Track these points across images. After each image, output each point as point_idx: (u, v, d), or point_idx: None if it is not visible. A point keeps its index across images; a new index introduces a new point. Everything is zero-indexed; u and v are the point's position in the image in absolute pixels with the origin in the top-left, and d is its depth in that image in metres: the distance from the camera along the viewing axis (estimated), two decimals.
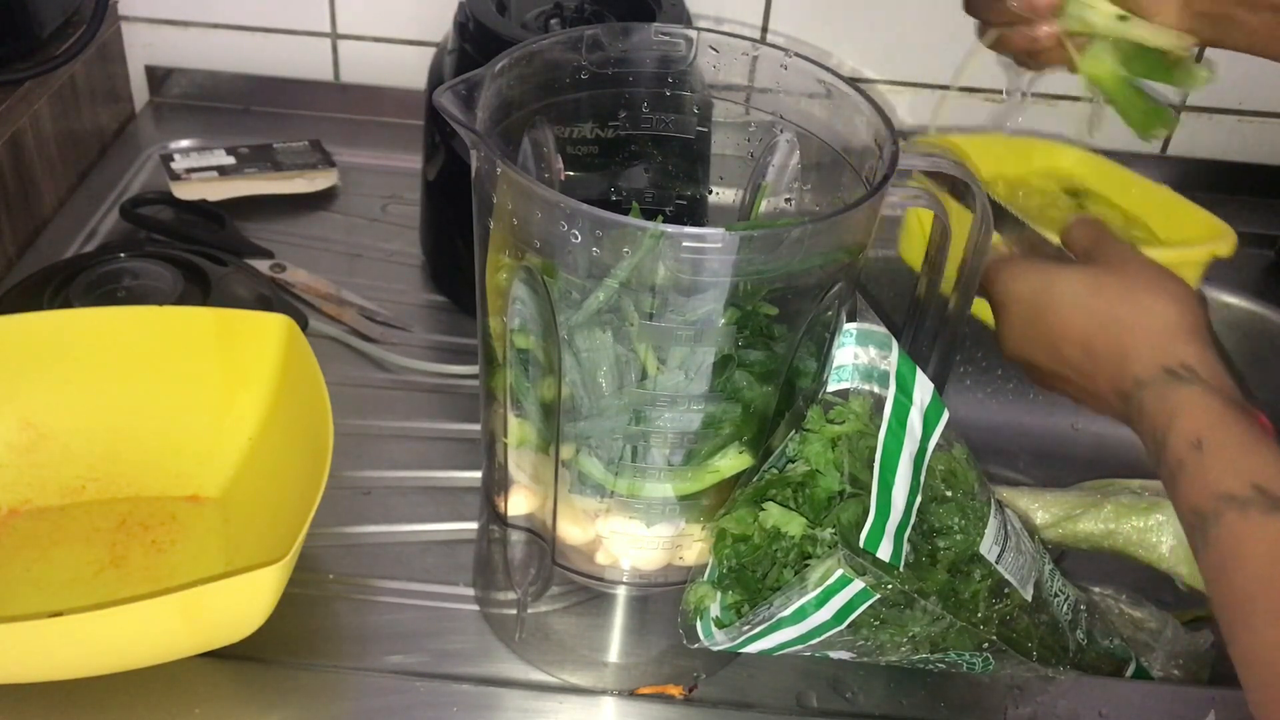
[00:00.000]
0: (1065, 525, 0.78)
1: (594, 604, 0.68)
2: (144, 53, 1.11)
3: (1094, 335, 0.60)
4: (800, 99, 0.61)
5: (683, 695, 0.65)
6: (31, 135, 0.93)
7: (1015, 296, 0.64)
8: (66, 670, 0.60)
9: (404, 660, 0.66)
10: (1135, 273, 0.62)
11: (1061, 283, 0.62)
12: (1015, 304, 0.64)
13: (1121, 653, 0.71)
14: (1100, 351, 0.60)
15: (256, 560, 0.58)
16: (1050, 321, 0.62)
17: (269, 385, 0.72)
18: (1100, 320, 0.60)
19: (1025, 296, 0.64)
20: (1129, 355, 0.59)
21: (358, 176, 1.05)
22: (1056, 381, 0.64)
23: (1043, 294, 0.63)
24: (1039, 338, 0.63)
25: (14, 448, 0.70)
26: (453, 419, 0.83)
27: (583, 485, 0.58)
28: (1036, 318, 0.63)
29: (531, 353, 0.57)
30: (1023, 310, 0.64)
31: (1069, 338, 0.61)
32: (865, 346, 0.57)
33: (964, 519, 0.59)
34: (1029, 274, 0.64)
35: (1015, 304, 0.64)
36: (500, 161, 0.51)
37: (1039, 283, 0.63)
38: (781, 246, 0.51)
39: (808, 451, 0.57)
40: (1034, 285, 0.63)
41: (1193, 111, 1.12)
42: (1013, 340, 0.65)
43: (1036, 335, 0.63)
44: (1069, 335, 0.61)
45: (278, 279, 0.92)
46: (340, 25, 1.10)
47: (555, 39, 0.61)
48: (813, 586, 0.54)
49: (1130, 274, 0.62)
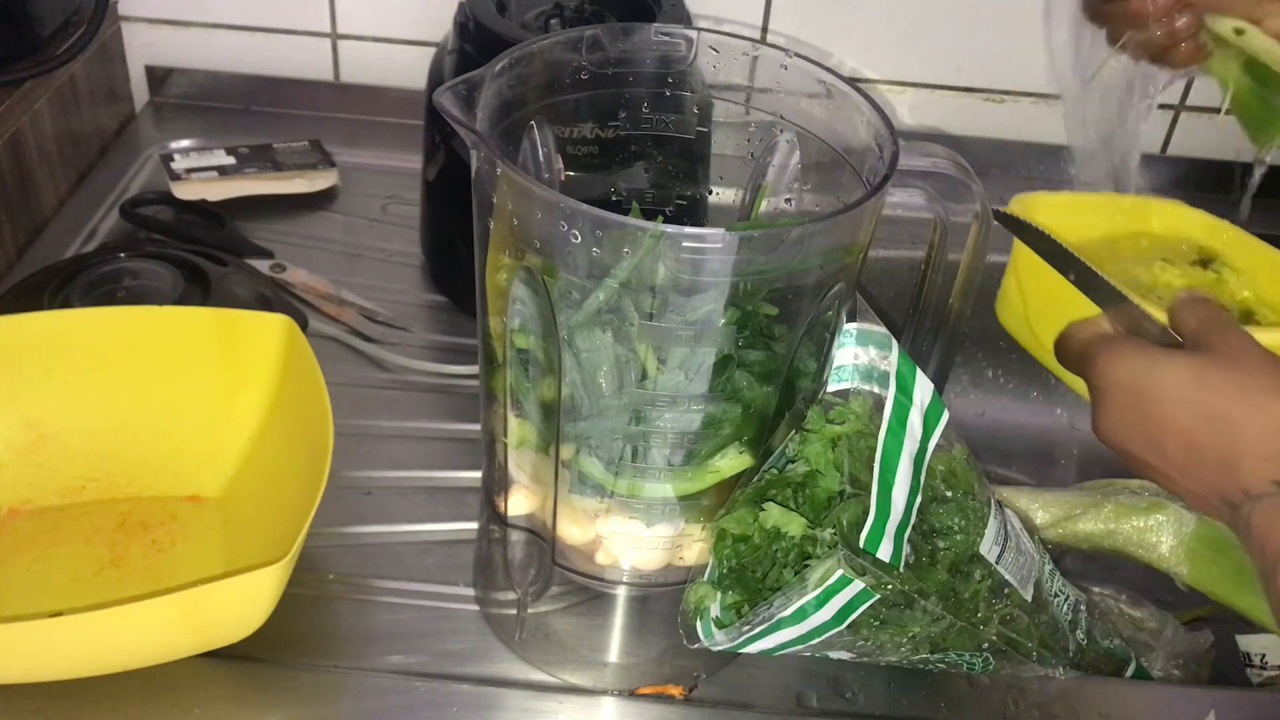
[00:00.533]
0: (1065, 525, 0.78)
1: (594, 604, 0.68)
2: (144, 53, 1.11)
3: (1199, 433, 0.56)
4: (800, 99, 0.61)
5: (683, 695, 0.65)
6: (31, 135, 0.93)
7: (1115, 381, 0.60)
8: (66, 670, 0.60)
9: (404, 660, 0.66)
10: (1249, 366, 0.57)
11: (1166, 371, 0.58)
12: (1115, 389, 0.60)
13: (1121, 653, 0.71)
14: (1205, 451, 0.56)
15: (256, 560, 0.58)
16: (1152, 412, 0.58)
17: (269, 385, 0.72)
18: (1206, 417, 0.56)
19: (1126, 383, 0.59)
20: (1237, 462, 0.55)
21: (358, 176, 1.05)
22: (1154, 474, 0.60)
23: (1145, 381, 0.58)
24: (1138, 428, 0.59)
25: (14, 448, 0.70)
26: (453, 419, 0.83)
27: (583, 485, 0.59)
28: (1137, 406, 0.59)
29: (531, 353, 0.57)
30: (1123, 397, 0.59)
31: (1171, 432, 0.57)
32: (865, 347, 0.57)
33: (964, 519, 0.59)
34: (1131, 358, 0.60)
35: (1115, 389, 0.60)
36: (500, 161, 0.51)
37: (1142, 369, 0.59)
38: (781, 246, 0.51)
39: (808, 452, 0.57)
40: (1136, 371, 0.59)
41: (1193, 111, 1.12)
42: (1109, 426, 0.61)
43: (1136, 425, 0.59)
44: (1171, 429, 0.57)
45: (278, 279, 0.92)
46: (340, 25, 1.10)
47: (555, 39, 0.61)
48: (813, 587, 0.54)
49: (1243, 367, 0.57)
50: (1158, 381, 0.58)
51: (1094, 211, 0.86)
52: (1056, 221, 0.82)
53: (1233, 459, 0.55)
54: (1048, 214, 0.82)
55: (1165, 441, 0.58)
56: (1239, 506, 0.55)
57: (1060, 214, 0.83)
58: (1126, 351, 0.60)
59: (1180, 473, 0.58)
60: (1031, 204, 0.82)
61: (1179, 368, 0.57)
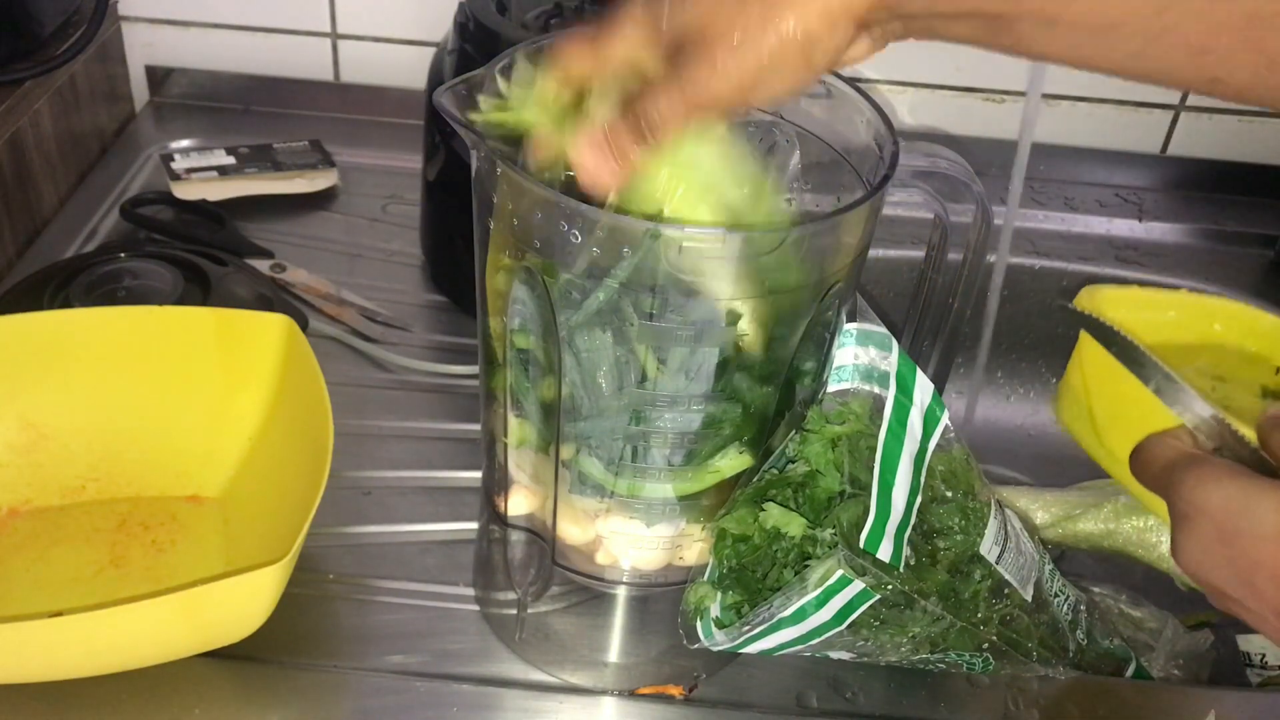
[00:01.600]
0: (1065, 525, 0.78)
1: (594, 604, 0.68)
2: (144, 53, 1.11)
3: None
4: (800, 99, 0.61)
5: (683, 695, 0.65)
6: (31, 135, 0.93)
7: (1204, 510, 0.55)
8: (66, 670, 0.60)
9: (404, 660, 0.66)
10: None
11: (1264, 503, 0.53)
12: (1202, 517, 0.55)
13: (1121, 653, 0.71)
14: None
15: (256, 560, 0.58)
16: (1245, 548, 0.53)
17: (269, 385, 0.72)
18: None
19: (1217, 513, 0.54)
20: None
21: (358, 176, 1.05)
22: (1242, 611, 0.55)
23: (1239, 514, 0.53)
24: (1228, 562, 0.54)
25: (14, 448, 0.70)
26: (453, 419, 0.83)
27: (583, 485, 0.58)
28: (1228, 540, 0.54)
29: (531, 353, 0.57)
30: (1212, 528, 0.54)
31: (1266, 572, 0.53)
32: (865, 347, 0.57)
33: (964, 519, 0.59)
34: (1223, 486, 0.54)
35: (1202, 517, 0.55)
36: (500, 161, 0.51)
37: (1235, 501, 0.54)
38: (782, 247, 0.51)
39: (808, 452, 0.57)
40: (1228, 502, 0.54)
41: (1193, 111, 1.12)
42: (1194, 556, 0.56)
43: (1226, 560, 0.54)
44: (1266, 568, 0.53)
45: (278, 279, 0.92)
46: (340, 25, 1.10)
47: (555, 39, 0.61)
48: (813, 587, 0.54)
49: None
50: (1253, 515, 0.53)
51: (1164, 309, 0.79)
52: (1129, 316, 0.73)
53: None
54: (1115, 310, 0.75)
55: (1261, 583, 0.53)
56: None
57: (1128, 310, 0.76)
58: (1218, 477, 0.55)
59: (1275, 614, 0.54)
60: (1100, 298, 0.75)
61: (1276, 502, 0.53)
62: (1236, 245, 1.09)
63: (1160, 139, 1.15)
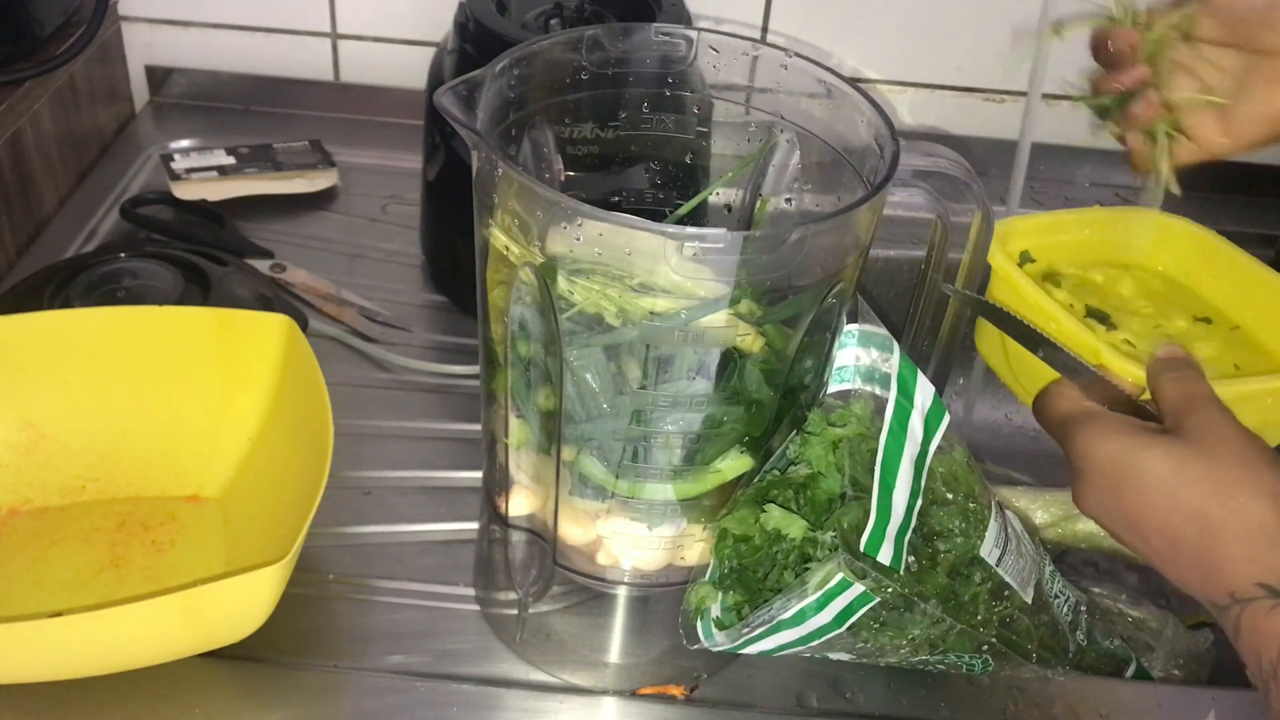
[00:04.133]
0: (1065, 525, 0.78)
1: (595, 604, 0.68)
2: (144, 53, 1.11)
3: (1179, 530, 0.55)
4: (800, 99, 0.61)
5: (683, 695, 0.65)
6: (31, 135, 0.93)
7: (1093, 463, 0.58)
8: (66, 670, 0.60)
9: (404, 660, 0.66)
10: (1229, 457, 0.55)
11: (1145, 461, 0.56)
12: (1093, 471, 0.58)
13: (1121, 653, 0.71)
14: (1186, 549, 0.55)
15: (256, 560, 0.58)
16: (1131, 501, 0.56)
17: (269, 385, 0.71)
18: (1185, 514, 0.54)
19: (1104, 467, 0.57)
20: (1220, 564, 0.53)
21: (358, 176, 1.05)
22: (1139, 555, 0.58)
23: (1124, 468, 0.56)
24: (1119, 514, 0.57)
25: (14, 448, 0.70)
26: (453, 419, 0.83)
27: (584, 486, 0.58)
28: (1116, 493, 0.57)
29: (533, 355, 0.57)
30: (1103, 480, 0.58)
31: (1152, 526, 0.56)
32: (867, 348, 0.57)
33: (964, 522, 0.59)
34: (1109, 441, 0.58)
35: (1093, 471, 0.58)
36: (501, 162, 0.51)
37: (1119, 455, 0.57)
38: (783, 247, 0.51)
39: (809, 454, 0.57)
40: (1114, 457, 0.57)
41: None
42: (1089, 504, 0.59)
43: (1116, 510, 0.58)
44: (1151, 523, 0.56)
45: (278, 279, 0.92)
46: (340, 25, 1.10)
47: (555, 39, 0.61)
48: (813, 590, 0.54)
49: (1223, 459, 0.55)
50: (1137, 471, 0.56)
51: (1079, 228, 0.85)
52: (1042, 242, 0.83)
53: (1216, 561, 0.54)
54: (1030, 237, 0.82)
55: (1146, 532, 0.56)
56: (1226, 609, 0.53)
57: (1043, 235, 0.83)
58: (1105, 435, 0.58)
59: (1164, 562, 0.56)
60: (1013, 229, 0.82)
61: (1158, 458, 0.56)
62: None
63: None
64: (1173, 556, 0.56)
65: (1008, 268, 0.76)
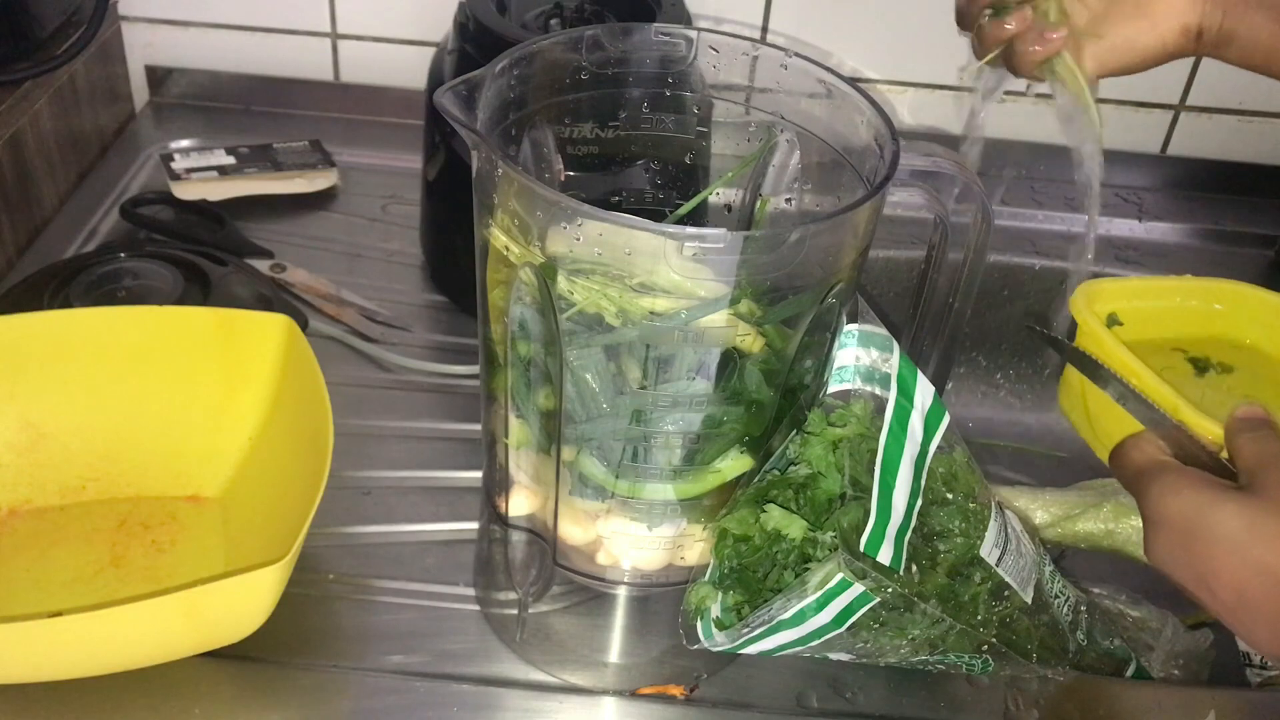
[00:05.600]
0: (1065, 525, 0.78)
1: (595, 604, 0.68)
2: (144, 53, 1.11)
3: (1250, 586, 0.55)
4: (800, 99, 0.61)
5: (683, 695, 0.65)
6: (31, 135, 0.93)
7: (1167, 517, 0.58)
8: (66, 670, 0.60)
9: (404, 660, 0.66)
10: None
11: (1218, 516, 0.56)
12: (1167, 525, 0.58)
13: (1121, 653, 0.71)
14: (1258, 604, 0.55)
15: (256, 560, 0.58)
16: (1202, 556, 0.56)
17: (269, 385, 0.71)
18: (1254, 570, 0.55)
19: (1178, 521, 0.58)
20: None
21: (358, 176, 1.05)
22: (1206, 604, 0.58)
23: (1196, 524, 0.57)
24: (1188, 567, 0.58)
25: (14, 448, 0.70)
26: (453, 419, 0.83)
27: (584, 487, 0.58)
28: (1187, 546, 0.57)
29: (533, 355, 0.57)
30: (1175, 535, 0.58)
31: (1221, 581, 0.56)
32: (867, 348, 0.57)
33: (964, 522, 0.59)
34: (1183, 495, 0.58)
35: (1167, 525, 0.58)
36: (501, 162, 0.51)
37: (1193, 510, 0.57)
38: (783, 247, 0.51)
39: (809, 454, 0.57)
40: (1186, 510, 0.57)
41: (1193, 111, 1.12)
42: (1160, 557, 0.59)
43: (1185, 563, 0.58)
44: (1221, 578, 0.56)
45: (278, 279, 0.92)
46: (340, 25, 1.10)
47: (555, 39, 0.61)
48: (813, 590, 0.54)
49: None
50: (1209, 526, 0.56)
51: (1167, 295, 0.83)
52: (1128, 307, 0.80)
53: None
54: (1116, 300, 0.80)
55: (1216, 587, 0.57)
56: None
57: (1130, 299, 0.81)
58: (1179, 488, 0.58)
59: (1233, 617, 0.57)
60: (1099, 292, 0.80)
61: (1230, 514, 0.56)
62: (1236, 245, 1.09)
63: (1160, 139, 1.15)
64: (1242, 611, 0.56)
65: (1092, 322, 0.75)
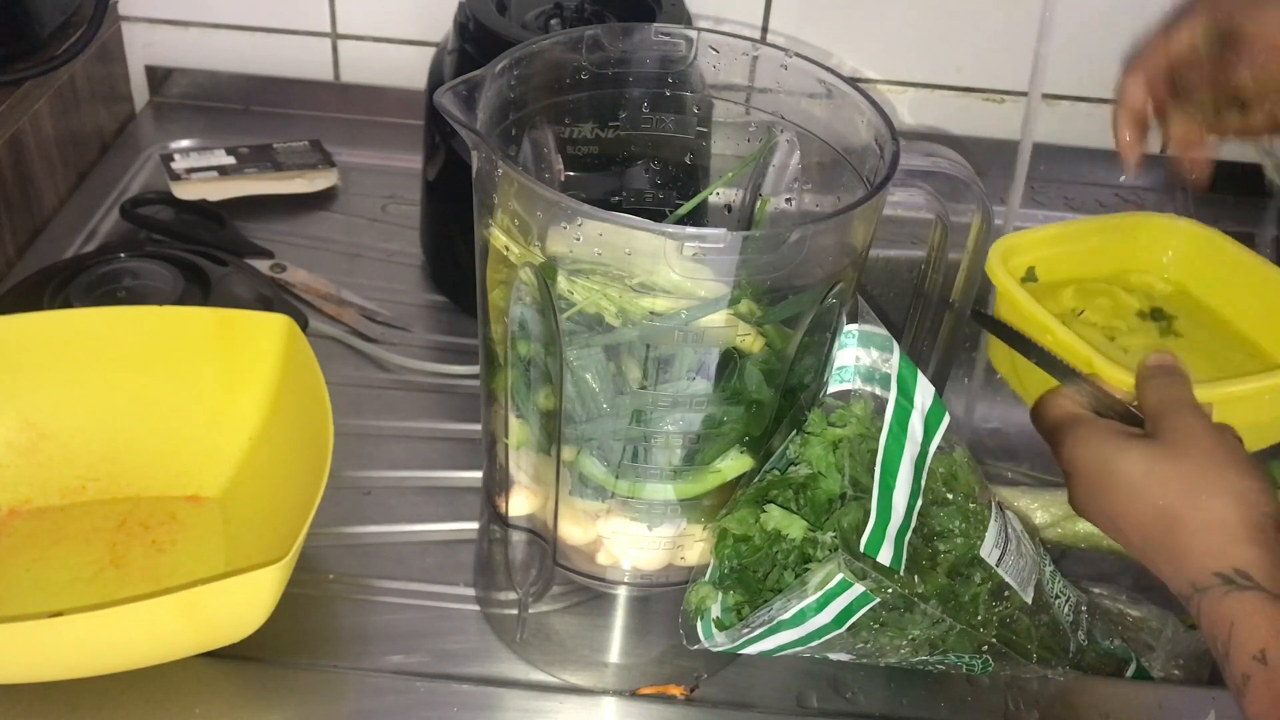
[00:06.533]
0: (1065, 525, 0.78)
1: (595, 604, 0.68)
2: (144, 53, 1.11)
3: (1151, 527, 0.59)
4: (800, 99, 0.61)
5: (684, 695, 0.65)
6: (31, 135, 0.93)
7: (1078, 466, 0.63)
8: (66, 670, 0.60)
9: (404, 660, 0.66)
10: (1197, 460, 0.59)
11: (1121, 463, 0.60)
12: (1078, 473, 0.63)
13: (1122, 653, 0.71)
14: (1158, 545, 0.59)
15: (256, 560, 0.58)
16: (1110, 501, 0.61)
17: (269, 385, 0.71)
18: (1155, 513, 0.59)
19: (1087, 469, 0.62)
20: (1183, 557, 0.57)
21: (358, 176, 1.05)
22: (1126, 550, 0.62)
23: (1103, 470, 0.61)
24: (1101, 512, 0.62)
25: (14, 448, 0.70)
26: (453, 419, 0.83)
27: (584, 487, 0.58)
28: (1098, 493, 0.62)
29: (533, 355, 0.57)
30: (1085, 482, 0.62)
31: (1129, 523, 0.60)
32: (867, 348, 0.57)
33: (964, 522, 0.59)
34: (1090, 444, 0.62)
35: (1078, 473, 0.63)
36: (501, 162, 0.51)
37: (1099, 458, 0.61)
38: (783, 247, 0.51)
39: (809, 454, 0.57)
40: (1095, 460, 0.62)
41: None
42: (1079, 504, 0.64)
43: (1098, 509, 0.62)
44: (1128, 521, 0.60)
45: (278, 279, 0.92)
46: (340, 25, 1.10)
47: (555, 39, 0.61)
48: (813, 590, 0.54)
49: (1192, 461, 0.59)
50: (1114, 473, 0.60)
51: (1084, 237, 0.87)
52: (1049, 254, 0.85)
53: (1180, 555, 0.58)
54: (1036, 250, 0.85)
55: (1124, 528, 0.61)
56: (1190, 598, 0.57)
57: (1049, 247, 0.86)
58: (1088, 438, 0.63)
59: (1140, 556, 0.60)
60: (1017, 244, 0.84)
61: (1133, 460, 0.60)
62: None
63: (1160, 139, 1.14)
64: (1147, 551, 0.60)
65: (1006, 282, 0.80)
